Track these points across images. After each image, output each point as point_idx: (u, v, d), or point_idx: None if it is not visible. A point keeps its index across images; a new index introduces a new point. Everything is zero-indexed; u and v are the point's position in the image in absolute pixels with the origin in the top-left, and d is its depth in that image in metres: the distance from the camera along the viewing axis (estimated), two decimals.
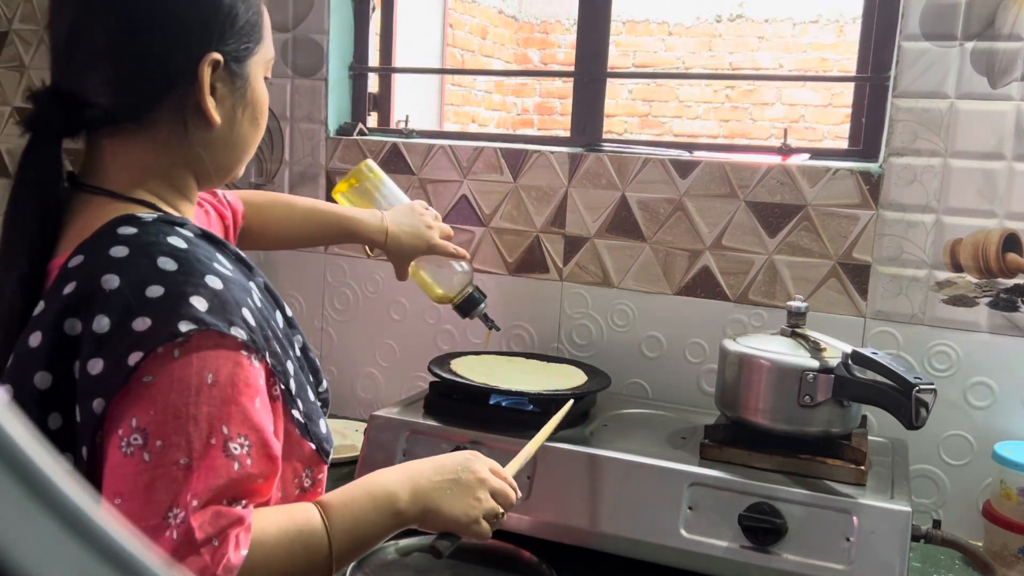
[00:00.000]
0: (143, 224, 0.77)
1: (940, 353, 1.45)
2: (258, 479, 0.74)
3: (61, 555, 0.23)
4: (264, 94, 0.88)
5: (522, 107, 5.80)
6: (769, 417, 1.23)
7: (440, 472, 0.91)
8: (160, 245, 0.75)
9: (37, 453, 0.24)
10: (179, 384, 0.70)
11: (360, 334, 1.87)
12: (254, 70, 0.85)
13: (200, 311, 0.71)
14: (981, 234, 1.41)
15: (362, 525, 0.83)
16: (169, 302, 0.71)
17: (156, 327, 0.70)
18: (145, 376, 0.70)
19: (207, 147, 0.84)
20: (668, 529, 1.18)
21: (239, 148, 0.88)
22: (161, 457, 0.69)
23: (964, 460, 1.45)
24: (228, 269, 0.78)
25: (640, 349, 1.64)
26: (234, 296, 0.75)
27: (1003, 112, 1.39)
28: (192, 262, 0.75)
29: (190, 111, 0.81)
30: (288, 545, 0.77)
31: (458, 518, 0.90)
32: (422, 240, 1.34)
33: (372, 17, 1.94)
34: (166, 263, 0.73)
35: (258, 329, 0.77)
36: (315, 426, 0.86)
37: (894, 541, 1.09)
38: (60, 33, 0.80)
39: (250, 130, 0.88)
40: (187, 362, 0.71)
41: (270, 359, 0.78)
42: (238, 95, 0.84)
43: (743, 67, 5.32)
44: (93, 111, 0.79)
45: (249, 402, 0.74)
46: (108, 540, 0.24)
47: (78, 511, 0.24)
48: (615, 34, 5.26)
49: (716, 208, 1.57)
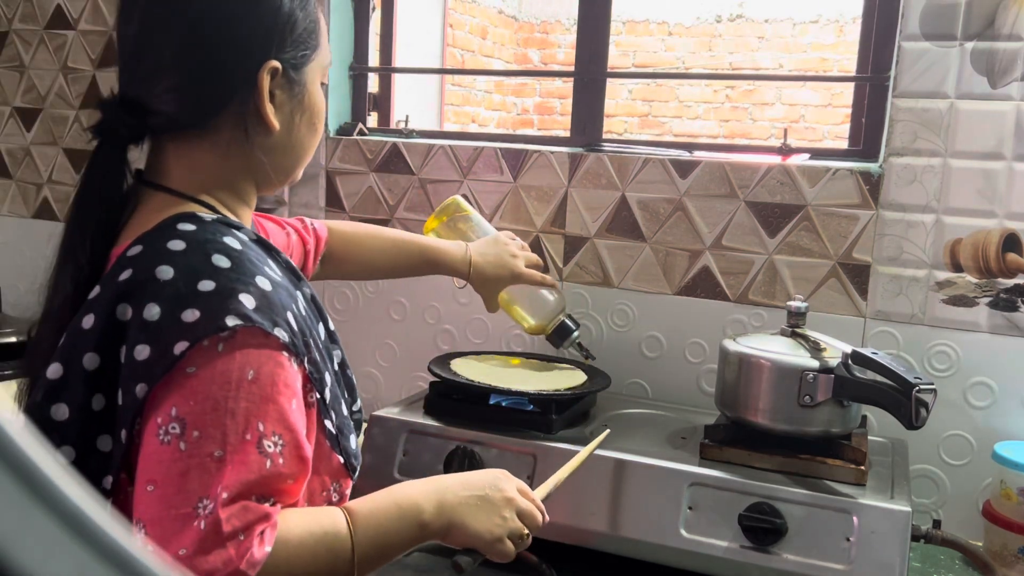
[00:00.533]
0: (202, 222, 0.80)
1: (940, 353, 1.45)
2: (288, 479, 0.75)
3: (61, 555, 0.23)
4: (321, 100, 0.90)
5: (522, 107, 5.80)
6: (769, 417, 1.23)
7: (468, 488, 0.91)
8: (216, 243, 0.77)
9: (37, 453, 0.24)
10: (221, 377, 0.72)
11: (360, 334, 1.87)
12: (311, 76, 0.87)
13: (248, 308, 0.73)
14: (981, 234, 1.41)
15: (386, 534, 0.83)
16: (219, 297, 0.73)
17: (204, 319, 0.72)
18: (189, 367, 0.72)
19: (267, 152, 0.86)
20: (668, 529, 1.18)
21: (297, 152, 0.90)
22: (197, 447, 0.71)
23: (964, 460, 1.45)
24: (277, 274, 0.81)
25: (640, 349, 1.64)
26: (280, 299, 0.77)
27: (1003, 112, 1.39)
28: (244, 262, 0.77)
29: (250, 117, 0.83)
30: (312, 547, 0.77)
31: (482, 535, 0.90)
32: (506, 270, 1.34)
33: (372, 17, 1.94)
34: (220, 260, 0.76)
35: (299, 335, 0.79)
36: (345, 440, 0.87)
37: (894, 541, 1.09)
38: (126, 43, 0.83)
39: (308, 135, 0.89)
40: (230, 357, 0.72)
41: (308, 366, 0.80)
42: (296, 101, 0.86)
43: (743, 67, 5.32)
44: (158, 118, 0.82)
45: (287, 402, 0.75)
46: (108, 540, 0.24)
47: (78, 511, 0.24)
48: (615, 34, 5.26)
49: (716, 208, 1.57)
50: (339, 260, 1.29)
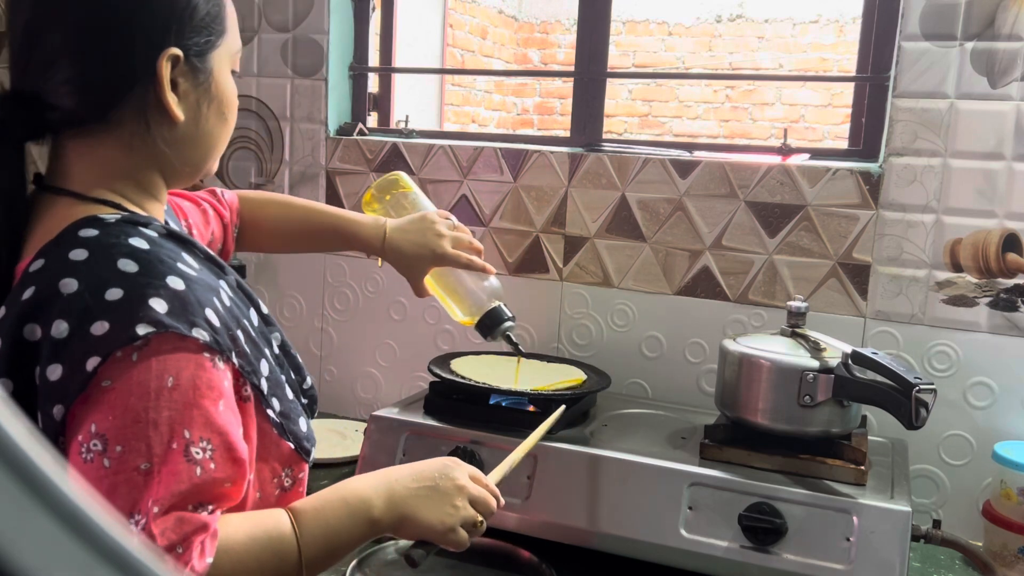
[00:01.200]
0: (105, 225, 0.76)
1: (940, 353, 1.45)
2: (224, 483, 0.73)
3: (61, 555, 0.23)
4: (231, 88, 0.85)
5: (522, 107, 5.79)
6: (769, 417, 1.23)
7: (417, 479, 0.88)
8: (120, 247, 0.74)
9: (37, 453, 0.24)
10: (138, 388, 0.69)
11: (360, 334, 1.87)
12: (218, 64, 0.83)
13: (159, 313, 0.70)
14: (981, 234, 1.41)
15: (335, 532, 0.81)
16: (128, 305, 0.70)
17: (114, 330, 0.69)
18: (104, 380, 0.69)
19: (173, 144, 0.82)
20: (668, 529, 1.18)
21: (206, 144, 0.85)
22: (121, 463, 0.68)
23: (964, 460, 1.45)
24: (193, 269, 0.77)
25: (640, 349, 1.64)
26: (197, 297, 0.74)
27: (1003, 112, 1.39)
28: (154, 263, 0.74)
29: (152, 109, 0.79)
30: (257, 552, 0.75)
31: (434, 526, 0.87)
32: (427, 249, 1.20)
33: (372, 17, 1.94)
34: (127, 265, 0.72)
35: (223, 330, 0.76)
36: (294, 424, 0.85)
37: (894, 541, 1.09)
38: (16, 34, 0.79)
39: (217, 125, 0.85)
40: (146, 366, 0.70)
41: (237, 360, 0.77)
42: (202, 90, 0.82)
43: (743, 67, 5.32)
44: (55, 113, 0.78)
45: (212, 405, 0.73)
46: (108, 540, 0.24)
47: (78, 511, 0.24)
48: (615, 34, 5.26)
49: (716, 208, 1.57)
50: (251, 230, 1.22)
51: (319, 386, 1.90)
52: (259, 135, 1.94)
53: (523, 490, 1.26)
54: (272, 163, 1.93)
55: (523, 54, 5.86)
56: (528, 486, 1.25)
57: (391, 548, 1.27)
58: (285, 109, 1.91)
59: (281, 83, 1.90)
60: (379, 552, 1.25)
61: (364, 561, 1.23)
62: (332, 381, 1.90)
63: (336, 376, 1.89)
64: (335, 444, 1.65)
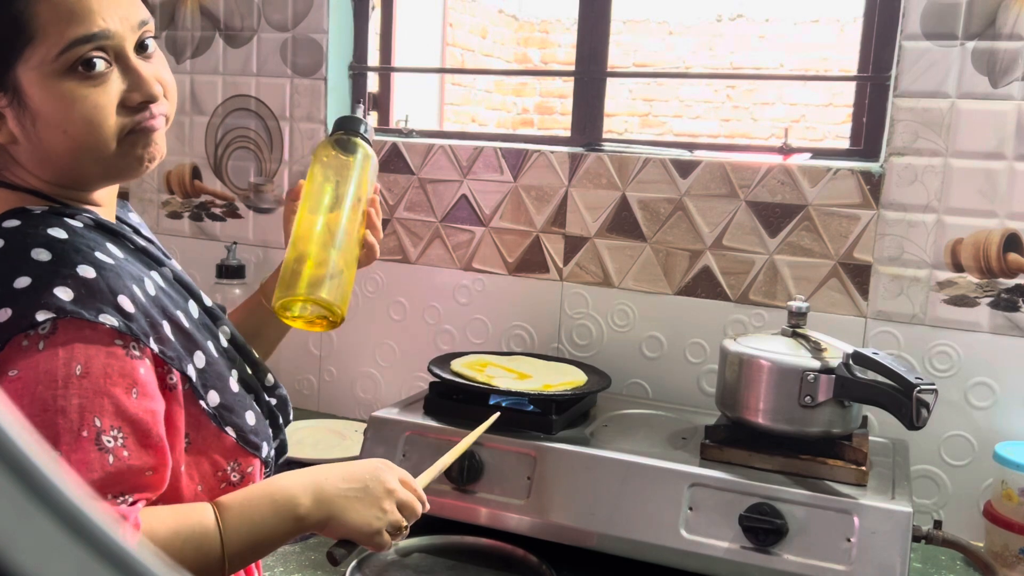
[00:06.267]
0: (29, 217, 0.76)
1: (941, 353, 1.45)
2: (144, 472, 0.73)
3: (61, 555, 0.23)
4: (59, 96, 0.74)
5: (522, 107, 5.80)
6: (770, 417, 1.23)
7: (347, 480, 0.87)
8: (37, 237, 0.73)
9: (37, 453, 0.24)
10: (46, 376, 0.69)
11: (360, 334, 1.86)
12: (29, 78, 0.74)
13: (64, 300, 0.70)
14: (982, 234, 1.41)
15: (259, 528, 0.80)
16: (32, 293, 0.70)
17: (15, 316, 0.69)
18: (11, 370, 0.69)
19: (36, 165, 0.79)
20: (668, 529, 1.17)
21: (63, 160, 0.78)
22: None
23: (965, 460, 1.44)
24: (113, 258, 0.76)
25: (640, 349, 1.64)
26: (109, 284, 0.73)
27: (1004, 112, 1.39)
28: (68, 253, 0.73)
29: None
30: (180, 547, 0.75)
31: (361, 528, 0.86)
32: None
33: (372, 17, 1.94)
34: (39, 254, 0.72)
35: (140, 316, 0.75)
36: (237, 417, 0.85)
37: (895, 542, 1.09)
38: None
39: (61, 140, 0.76)
40: (53, 353, 0.69)
41: (157, 346, 0.76)
42: (21, 110, 0.75)
43: (744, 67, 5.32)
44: None
45: (123, 393, 0.72)
46: (108, 540, 0.24)
47: (78, 511, 0.24)
48: (615, 34, 5.26)
49: (716, 208, 1.57)
50: None
51: (319, 386, 1.90)
52: (259, 135, 1.94)
53: (523, 490, 1.25)
54: (271, 163, 1.93)
55: (523, 54, 5.86)
56: (528, 486, 1.25)
57: (391, 549, 1.27)
58: (284, 109, 1.90)
59: (280, 83, 1.90)
60: (379, 552, 1.25)
61: (364, 561, 1.23)
62: (332, 381, 1.90)
63: (336, 376, 1.89)
64: (334, 444, 1.65)
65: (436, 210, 1.78)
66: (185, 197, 2.04)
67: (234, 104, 1.96)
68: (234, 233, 1.96)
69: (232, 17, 1.93)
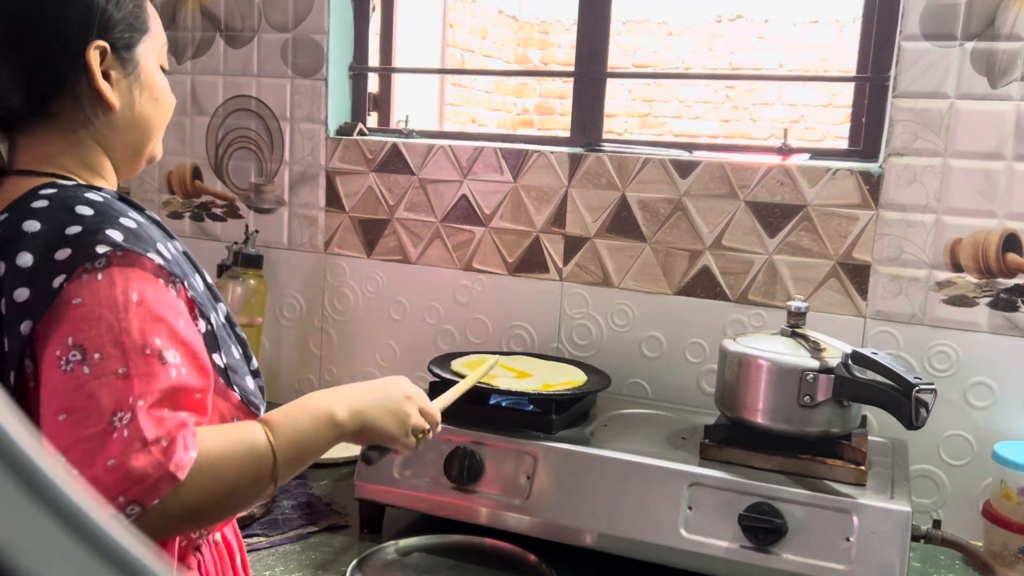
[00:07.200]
0: (63, 187, 0.85)
1: (940, 353, 1.45)
2: (195, 392, 0.78)
3: (61, 555, 0.23)
4: (160, 78, 0.95)
5: (522, 107, 5.80)
6: (769, 417, 1.23)
7: (371, 391, 0.97)
8: (77, 198, 0.82)
9: (37, 453, 0.24)
10: (107, 301, 0.76)
11: (360, 334, 1.87)
12: (145, 56, 0.92)
13: (116, 238, 0.78)
14: (981, 234, 1.41)
15: (304, 438, 0.87)
16: (86, 234, 0.78)
17: (75, 253, 0.77)
18: (74, 299, 0.75)
19: (112, 129, 0.91)
20: (668, 529, 1.18)
21: (143, 127, 0.93)
22: (101, 368, 0.74)
23: (964, 460, 1.45)
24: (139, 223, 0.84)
25: (640, 349, 1.64)
26: (148, 234, 0.82)
27: (1003, 112, 1.39)
28: (108, 210, 0.82)
29: (86, 97, 0.88)
30: (236, 453, 0.80)
31: (392, 430, 0.96)
32: None
33: (372, 17, 1.94)
34: (83, 209, 0.80)
35: (174, 264, 0.83)
36: (239, 378, 0.90)
37: (894, 541, 1.09)
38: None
39: (152, 109, 0.94)
40: (111, 282, 0.76)
41: (190, 291, 0.83)
42: (132, 78, 0.91)
43: (743, 67, 5.32)
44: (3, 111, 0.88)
45: (174, 320, 0.79)
46: (108, 540, 0.24)
47: (78, 511, 0.24)
48: (615, 34, 5.26)
49: (716, 208, 1.57)
50: None
51: (319, 385, 1.90)
52: (259, 135, 1.94)
53: (523, 490, 1.26)
54: (272, 163, 1.93)
55: (523, 54, 5.86)
56: (528, 486, 1.25)
57: (391, 549, 1.27)
58: (285, 109, 1.91)
59: (281, 83, 1.90)
60: (379, 552, 1.26)
61: (364, 561, 1.23)
62: (332, 381, 1.90)
63: (336, 376, 1.89)
64: None
65: (436, 210, 1.78)
66: (186, 197, 2.04)
67: (235, 104, 1.96)
68: (235, 233, 1.96)
69: (233, 18, 1.93)
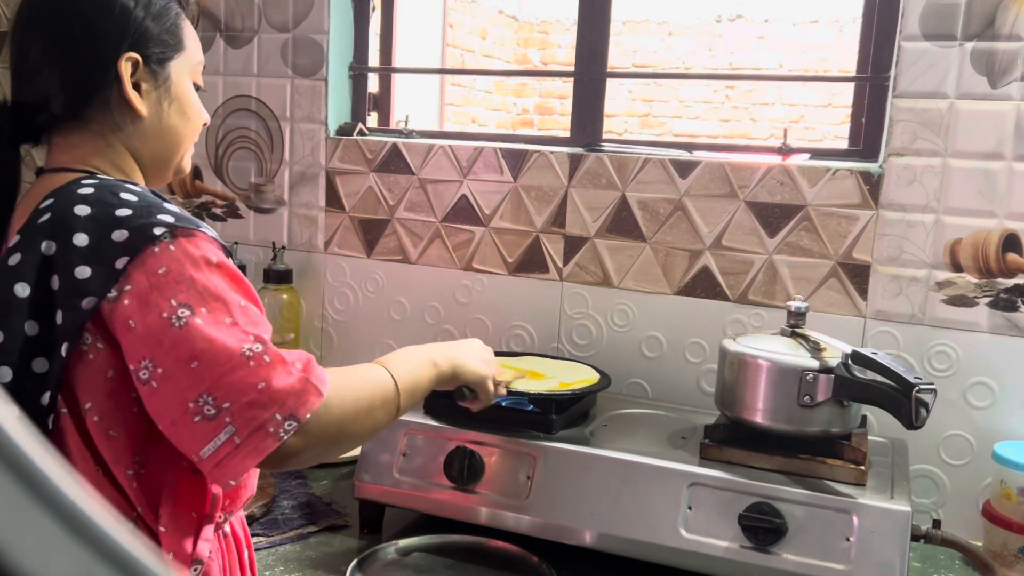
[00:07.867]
0: (103, 178, 0.89)
1: (940, 353, 1.45)
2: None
3: (61, 555, 0.23)
4: (191, 94, 0.98)
5: (522, 107, 5.80)
6: (769, 417, 1.23)
7: (457, 343, 1.13)
8: (119, 186, 0.86)
9: (37, 453, 0.24)
10: (191, 263, 0.80)
11: (360, 334, 1.87)
12: (177, 72, 0.95)
13: (169, 220, 0.82)
14: (981, 234, 1.41)
15: (414, 371, 1.01)
16: (139, 216, 0.82)
17: (133, 235, 0.80)
18: (160, 269, 0.79)
19: (141, 137, 0.94)
20: (668, 529, 1.18)
21: (170, 138, 0.96)
22: (214, 318, 0.79)
23: (964, 460, 1.45)
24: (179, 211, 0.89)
25: (640, 349, 1.64)
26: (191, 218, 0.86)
27: (1003, 112, 1.39)
28: (150, 197, 0.86)
29: (117, 105, 0.91)
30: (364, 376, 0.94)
31: (481, 371, 1.11)
32: None
33: (372, 17, 1.94)
34: (127, 196, 0.84)
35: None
36: None
37: (894, 541, 1.09)
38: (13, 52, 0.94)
39: (180, 122, 0.96)
40: (184, 251, 0.81)
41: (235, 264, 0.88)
42: (162, 90, 0.94)
43: (743, 67, 5.32)
44: (40, 115, 0.92)
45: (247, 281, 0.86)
46: (108, 540, 0.24)
47: (78, 511, 0.24)
48: (615, 34, 5.26)
49: (716, 208, 1.57)
50: None
51: None
52: (259, 135, 1.94)
53: (523, 490, 1.26)
54: (272, 163, 1.93)
55: (523, 54, 5.86)
56: (528, 486, 1.25)
57: (391, 548, 1.27)
58: (285, 109, 1.91)
59: (281, 83, 1.90)
60: (379, 552, 1.26)
61: (364, 561, 1.23)
62: None
63: None
64: None
65: (436, 210, 1.78)
66: (186, 197, 2.04)
67: (235, 104, 1.96)
68: (235, 233, 1.96)
69: (233, 18, 1.93)
